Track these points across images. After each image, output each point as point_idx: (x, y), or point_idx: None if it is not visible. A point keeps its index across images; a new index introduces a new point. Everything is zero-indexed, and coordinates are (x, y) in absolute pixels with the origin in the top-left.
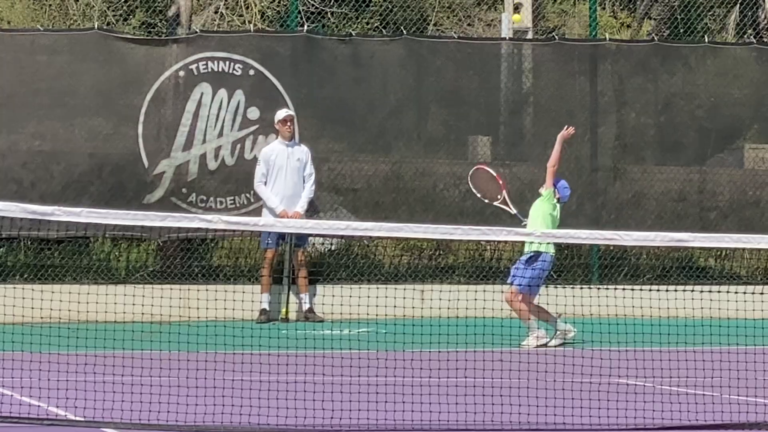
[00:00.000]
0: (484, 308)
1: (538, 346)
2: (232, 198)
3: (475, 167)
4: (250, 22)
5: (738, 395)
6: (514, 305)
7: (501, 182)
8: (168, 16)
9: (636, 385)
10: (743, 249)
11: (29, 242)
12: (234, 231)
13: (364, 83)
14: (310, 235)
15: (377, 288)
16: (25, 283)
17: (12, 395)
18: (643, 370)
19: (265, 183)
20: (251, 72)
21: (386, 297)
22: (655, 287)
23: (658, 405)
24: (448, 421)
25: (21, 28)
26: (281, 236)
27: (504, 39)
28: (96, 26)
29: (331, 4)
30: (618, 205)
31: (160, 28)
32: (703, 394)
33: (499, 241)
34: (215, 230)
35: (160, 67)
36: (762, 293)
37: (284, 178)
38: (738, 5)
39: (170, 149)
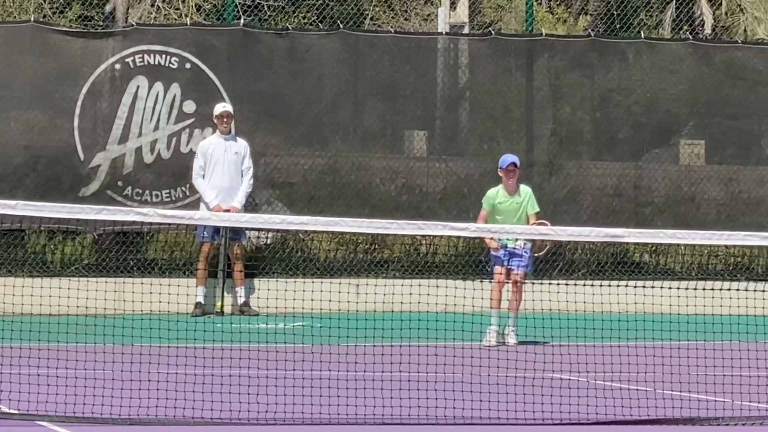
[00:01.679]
0: (419, 302)
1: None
2: (167, 191)
3: None
4: (186, 16)
5: (671, 390)
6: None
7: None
8: (105, 9)
9: (570, 380)
10: (678, 245)
11: None
12: (170, 224)
13: (300, 77)
14: (246, 228)
15: (312, 282)
16: None
17: None
18: (578, 365)
19: (203, 176)
20: (187, 65)
21: (321, 291)
22: (589, 282)
23: (592, 400)
24: (383, 416)
25: None
26: (217, 230)
27: (440, 34)
28: (32, 19)
29: None
30: (553, 201)
31: (97, 21)
32: (637, 389)
33: (434, 236)
34: (151, 223)
35: (96, 60)
36: (696, 289)
37: (221, 171)
38: (674, 1)
39: (106, 142)
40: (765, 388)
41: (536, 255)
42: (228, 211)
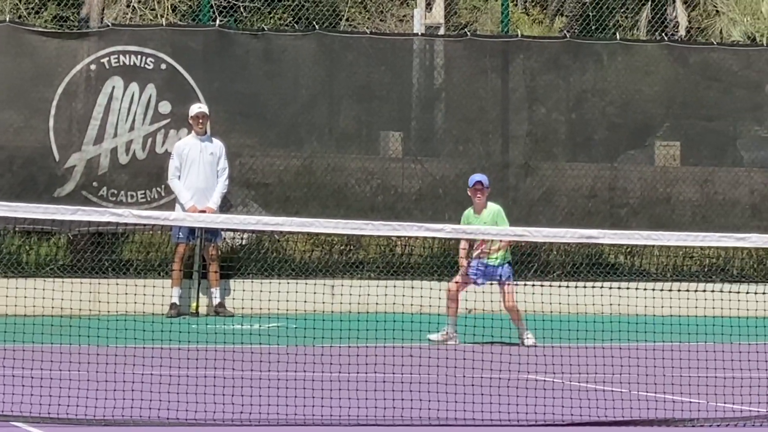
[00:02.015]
0: (394, 303)
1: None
2: (143, 192)
3: None
4: (162, 16)
5: (647, 391)
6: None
7: None
8: (80, 10)
9: (545, 381)
10: (653, 246)
11: None
12: (145, 225)
13: (276, 78)
14: (221, 229)
15: (288, 283)
16: None
17: None
18: (553, 366)
19: (179, 177)
20: (163, 66)
21: (296, 292)
22: (564, 283)
23: (567, 401)
24: (357, 417)
25: None
26: (192, 231)
27: (416, 35)
28: (7, 19)
29: None
30: (529, 202)
31: (72, 21)
32: (612, 390)
33: (409, 237)
34: (126, 224)
35: (71, 61)
36: (671, 290)
37: (197, 172)
38: (650, 3)
39: (81, 143)
40: (740, 389)
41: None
42: (203, 211)
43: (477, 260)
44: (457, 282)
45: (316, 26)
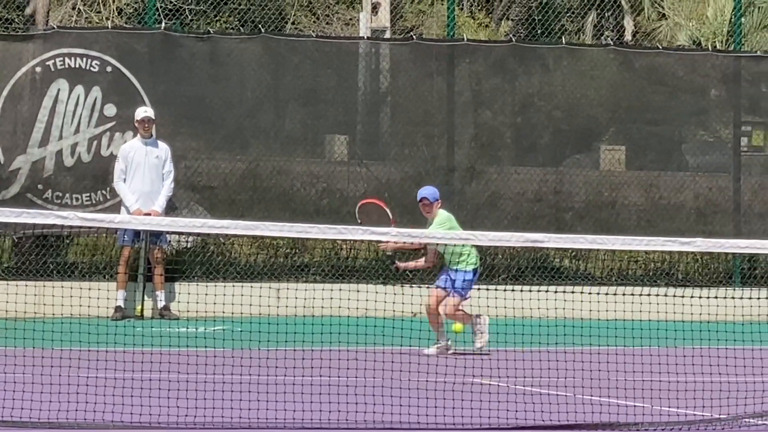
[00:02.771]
0: (339, 307)
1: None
2: (88, 195)
3: (363, 201)
4: (107, 19)
5: (591, 395)
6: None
7: (391, 217)
8: (25, 12)
9: (491, 385)
10: (598, 250)
11: None
12: (90, 228)
13: (221, 81)
14: (167, 232)
15: (233, 286)
16: None
17: None
18: (498, 370)
19: (124, 180)
20: (108, 69)
21: (242, 295)
22: (510, 287)
23: (512, 405)
24: (303, 420)
25: None
26: (137, 234)
27: (362, 38)
28: None
29: (189, 1)
30: (474, 206)
31: (17, 23)
32: (557, 395)
33: (355, 241)
34: (71, 227)
35: (16, 63)
36: (616, 294)
37: (142, 175)
38: (595, 7)
39: (26, 145)
40: (684, 393)
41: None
42: (148, 214)
43: (445, 272)
44: (437, 297)
45: (262, 29)
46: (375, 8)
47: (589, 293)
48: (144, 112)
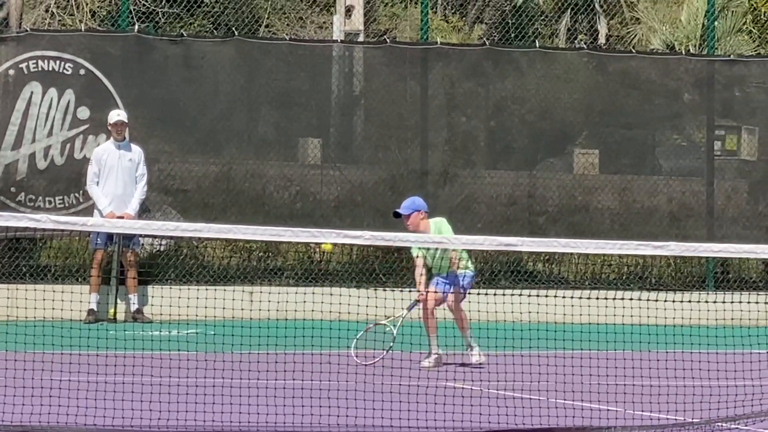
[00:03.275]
0: (313, 310)
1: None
2: (61, 198)
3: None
4: (81, 22)
5: (564, 399)
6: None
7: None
8: None
9: (464, 388)
10: (571, 254)
11: None
12: (63, 231)
13: (195, 84)
14: (139, 235)
15: (206, 289)
16: None
17: None
18: (471, 374)
19: (97, 183)
20: (82, 71)
21: (215, 298)
22: (483, 291)
23: (485, 408)
24: (275, 423)
25: None
26: (110, 237)
27: (335, 41)
28: None
29: (162, 4)
30: (447, 209)
31: None
32: (530, 398)
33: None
34: (44, 230)
35: None
36: (589, 298)
37: (115, 178)
38: (569, 11)
39: None
40: (657, 396)
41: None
42: (121, 217)
43: (443, 277)
44: (436, 299)
45: (236, 32)
46: (349, 11)
47: (563, 297)
48: (117, 115)
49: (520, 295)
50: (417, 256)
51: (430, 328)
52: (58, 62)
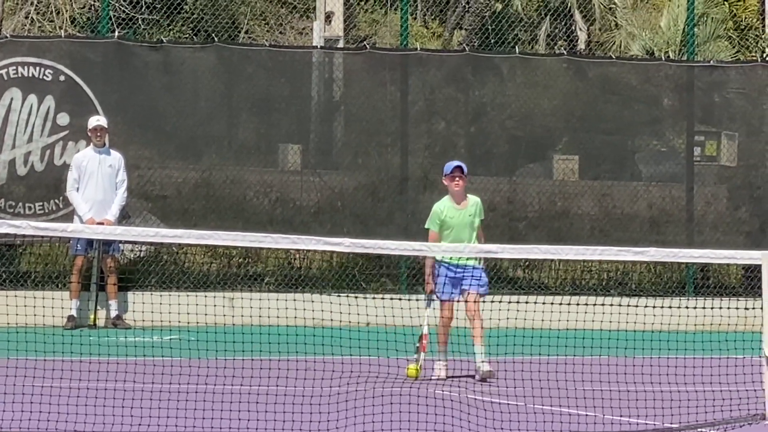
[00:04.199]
0: (296, 317)
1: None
2: (41, 204)
3: None
4: (61, 28)
5: (543, 405)
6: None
7: None
8: None
9: (444, 393)
10: (551, 260)
11: None
12: (43, 237)
13: (175, 90)
14: (119, 241)
15: (186, 295)
16: None
17: None
18: (451, 380)
19: (77, 189)
20: (62, 78)
21: (196, 304)
22: (462, 298)
23: (464, 414)
24: (257, 429)
25: None
26: (90, 243)
27: (315, 47)
28: None
29: (142, 10)
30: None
31: None
32: (508, 404)
33: (308, 250)
34: (24, 236)
35: None
36: (569, 304)
37: (95, 184)
38: (549, 17)
39: None
40: (636, 402)
41: None
42: (101, 223)
43: (447, 279)
44: (452, 309)
45: (216, 38)
46: (328, 17)
47: (543, 303)
48: (96, 120)
49: (500, 301)
50: (432, 230)
51: (442, 343)
52: (38, 68)
